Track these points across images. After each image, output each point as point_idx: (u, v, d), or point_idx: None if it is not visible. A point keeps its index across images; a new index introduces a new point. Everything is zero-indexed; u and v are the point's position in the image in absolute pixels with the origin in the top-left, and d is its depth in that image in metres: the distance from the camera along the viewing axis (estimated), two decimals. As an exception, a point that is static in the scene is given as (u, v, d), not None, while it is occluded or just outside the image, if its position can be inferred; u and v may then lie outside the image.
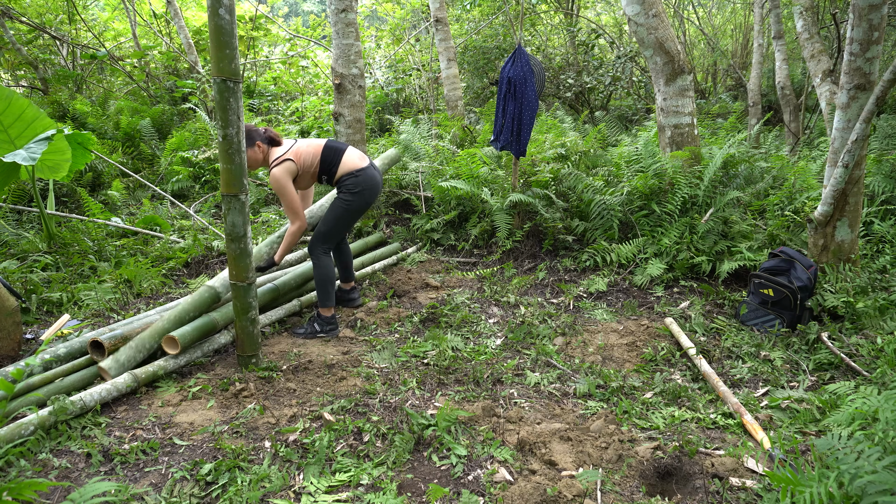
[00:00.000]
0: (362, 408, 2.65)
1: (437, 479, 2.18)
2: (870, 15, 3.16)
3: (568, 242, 4.65)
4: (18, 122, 4.14)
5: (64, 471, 2.20)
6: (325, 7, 24.07)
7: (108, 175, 6.38)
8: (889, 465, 1.62)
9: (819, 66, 5.75)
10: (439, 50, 7.54)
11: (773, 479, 1.80)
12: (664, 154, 4.59)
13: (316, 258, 3.43)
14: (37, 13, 8.71)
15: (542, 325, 3.51)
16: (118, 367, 2.75)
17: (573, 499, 2.04)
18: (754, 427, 2.42)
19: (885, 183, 4.49)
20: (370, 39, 11.63)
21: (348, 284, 3.88)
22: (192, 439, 2.40)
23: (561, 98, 8.86)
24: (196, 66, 8.70)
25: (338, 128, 5.03)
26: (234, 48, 2.60)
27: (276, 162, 3.29)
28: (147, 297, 4.03)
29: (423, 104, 9.49)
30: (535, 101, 4.38)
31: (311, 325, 3.45)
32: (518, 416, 2.57)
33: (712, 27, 10.87)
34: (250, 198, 6.02)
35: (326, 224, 3.43)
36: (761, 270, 3.49)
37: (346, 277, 3.87)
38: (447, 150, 5.92)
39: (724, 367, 3.06)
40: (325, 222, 3.44)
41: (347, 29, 4.87)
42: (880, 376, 2.66)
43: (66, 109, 7.33)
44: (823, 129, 6.94)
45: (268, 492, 2.09)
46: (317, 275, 3.44)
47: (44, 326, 3.47)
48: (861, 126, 3.20)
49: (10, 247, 4.41)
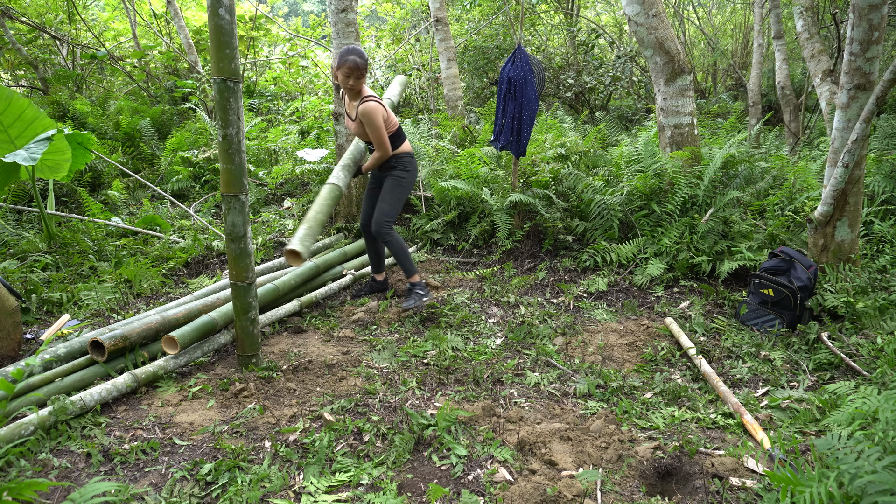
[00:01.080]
0: (362, 408, 2.65)
1: (437, 479, 2.18)
2: (870, 15, 3.16)
3: (568, 242, 4.65)
4: (18, 122, 4.14)
5: (64, 471, 2.20)
6: (325, 7, 24.06)
7: (108, 175, 6.38)
8: (889, 465, 1.62)
9: (819, 66, 5.75)
10: (439, 50, 7.54)
11: (773, 479, 1.80)
12: (664, 154, 4.59)
13: (387, 236, 3.66)
14: (37, 13, 8.71)
15: (542, 325, 3.51)
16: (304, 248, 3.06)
17: (573, 499, 2.04)
18: (754, 427, 2.42)
19: (885, 183, 4.49)
20: (370, 39, 11.62)
21: (381, 275, 4.10)
22: (192, 439, 2.40)
23: (561, 98, 8.86)
24: (196, 66, 8.70)
25: (338, 128, 5.03)
26: (234, 48, 2.60)
27: (373, 99, 3.50)
28: (147, 297, 4.03)
29: (423, 104, 9.49)
30: (535, 101, 4.38)
31: (413, 297, 3.66)
32: (518, 416, 2.57)
33: (712, 27, 10.87)
34: (250, 198, 6.02)
35: (387, 202, 3.68)
36: (761, 270, 3.49)
37: (379, 268, 4.09)
38: (447, 150, 5.92)
39: (724, 367, 3.06)
40: (386, 201, 3.68)
41: (347, 29, 4.87)
42: (880, 376, 2.66)
43: (66, 109, 7.33)
44: (823, 129, 6.94)
45: (268, 492, 2.09)
46: (394, 251, 3.69)
47: (44, 326, 3.47)
48: (861, 126, 3.20)
49: (10, 247, 4.41)
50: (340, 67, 3.37)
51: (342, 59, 3.38)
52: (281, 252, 4.92)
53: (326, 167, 5.57)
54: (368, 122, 3.48)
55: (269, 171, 6.57)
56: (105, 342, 2.81)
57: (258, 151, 6.97)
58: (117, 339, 2.84)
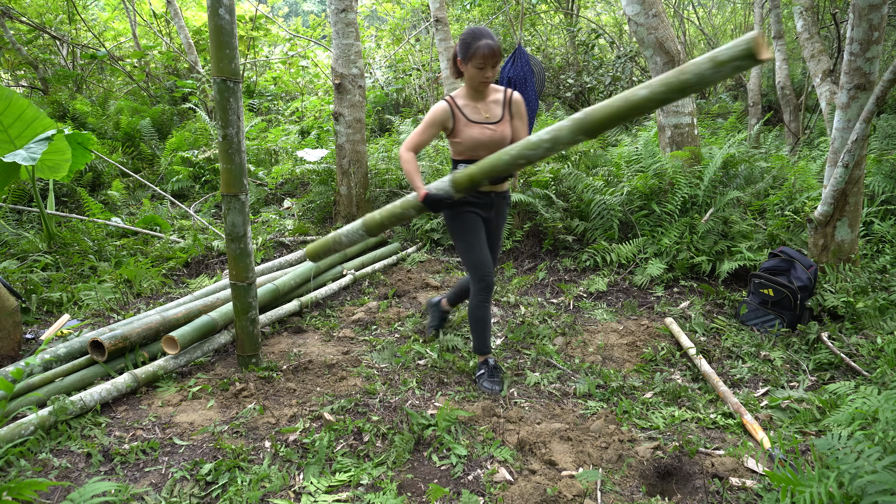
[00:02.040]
0: (362, 408, 2.65)
1: (437, 479, 2.18)
2: (870, 15, 3.16)
3: (568, 242, 4.65)
4: (18, 122, 4.14)
5: (64, 471, 2.20)
6: (325, 7, 24.06)
7: (108, 175, 6.38)
8: (889, 465, 1.62)
9: (819, 66, 5.75)
10: (439, 50, 7.54)
11: (773, 479, 1.80)
12: (664, 154, 4.59)
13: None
14: (37, 13, 8.71)
15: (542, 325, 3.51)
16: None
17: (573, 499, 2.04)
18: (754, 427, 2.42)
19: (885, 183, 4.49)
20: (370, 39, 11.63)
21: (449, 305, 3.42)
22: (192, 439, 2.40)
23: (561, 98, 8.86)
24: (196, 66, 8.70)
25: (338, 128, 5.03)
26: (234, 48, 2.60)
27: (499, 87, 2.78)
28: (147, 297, 4.03)
29: (423, 104, 9.49)
30: (535, 101, 4.38)
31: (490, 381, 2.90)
32: (518, 416, 2.57)
33: (712, 27, 10.87)
34: (250, 198, 6.02)
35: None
36: (761, 270, 3.49)
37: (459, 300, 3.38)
38: (447, 150, 5.93)
39: (724, 367, 3.06)
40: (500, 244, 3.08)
41: (347, 29, 4.87)
42: (880, 376, 2.66)
43: (66, 109, 7.33)
44: (823, 129, 6.94)
45: (268, 492, 2.09)
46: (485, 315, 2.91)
47: (44, 326, 3.47)
48: (861, 126, 3.20)
49: (10, 247, 4.41)
50: (472, 58, 2.50)
51: (470, 47, 2.50)
52: (281, 252, 4.92)
53: (326, 167, 5.57)
54: (522, 113, 2.75)
55: (269, 171, 6.57)
56: (105, 342, 2.81)
57: (258, 151, 6.97)
58: (117, 339, 2.84)
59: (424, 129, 2.67)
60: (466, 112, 2.65)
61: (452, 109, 2.65)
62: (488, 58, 2.48)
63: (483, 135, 2.63)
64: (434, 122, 2.65)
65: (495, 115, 2.67)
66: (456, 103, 2.66)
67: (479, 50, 2.47)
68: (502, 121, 2.67)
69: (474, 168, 2.52)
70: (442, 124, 2.66)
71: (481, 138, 2.63)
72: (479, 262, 2.75)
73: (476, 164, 2.53)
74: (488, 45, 2.46)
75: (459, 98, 2.68)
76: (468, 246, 2.76)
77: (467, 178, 2.54)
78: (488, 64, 2.50)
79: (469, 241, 2.75)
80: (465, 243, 2.76)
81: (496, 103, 2.69)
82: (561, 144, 2.31)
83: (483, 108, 2.67)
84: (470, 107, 2.66)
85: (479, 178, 2.51)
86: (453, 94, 2.70)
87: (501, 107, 2.69)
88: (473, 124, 2.64)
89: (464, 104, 2.66)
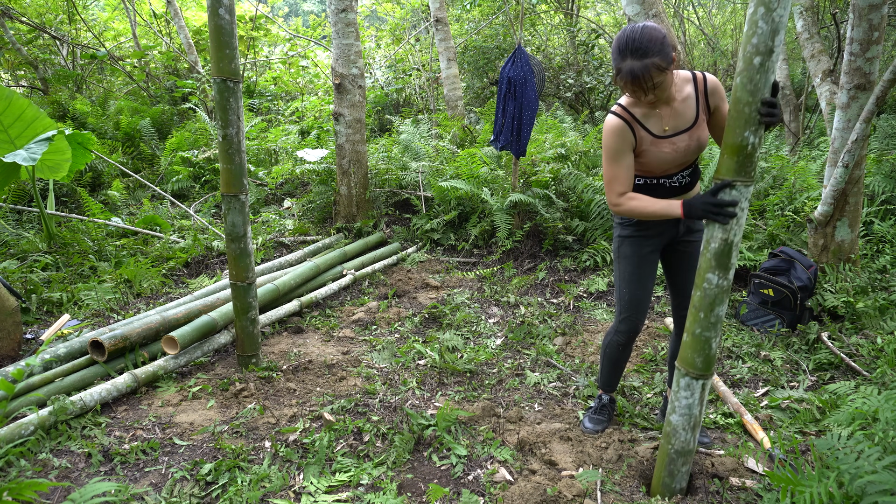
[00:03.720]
0: (362, 408, 2.65)
1: (437, 479, 2.18)
2: (870, 15, 3.16)
3: (568, 242, 4.65)
4: (18, 122, 4.13)
5: (64, 471, 2.20)
6: (325, 7, 24.07)
7: (108, 175, 6.38)
8: (889, 465, 1.62)
9: (819, 66, 5.75)
10: (439, 50, 7.55)
11: (773, 479, 1.80)
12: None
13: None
14: (37, 13, 8.71)
15: (542, 325, 3.51)
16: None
17: (573, 499, 2.04)
18: (754, 427, 2.42)
19: (885, 183, 4.49)
20: (370, 39, 11.63)
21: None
22: (192, 439, 2.40)
23: (561, 98, 8.86)
24: (196, 66, 8.70)
25: (338, 128, 5.03)
26: (234, 48, 2.60)
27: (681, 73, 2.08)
28: (147, 297, 4.03)
29: (423, 104, 9.49)
30: (535, 101, 4.38)
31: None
32: (518, 416, 2.57)
33: (712, 27, 10.87)
34: (250, 198, 6.02)
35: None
36: (761, 270, 3.49)
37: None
38: (447, 150, 5.93)
39: (724, 367, 3.06)
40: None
41: (347, 29, 4.87)
42: (880, 376, 2.66)
43: (66, 109, 7.33)
44: (823, 129, 6.94)
45: (268, 492, 2.09)
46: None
47: (44, 326, 3.47)
48: (861, 126, 3.20)
49: (10, 247, 4.41)
50: (621, 83, 1.86)
51: (616, 67, 1.85)
52: (281, 252, 4.92)
53: (326, 167, 5.57)
54: (722, 95, 2.01)
55: (269, 171, 6.57)
56: (105, 342, 2.81)
57: (258, 151, 6.97)
58: (117, 339, 2.84)
59: (617, 162, 1.99)
60: (649, 125, 1.99)
61: (631, 125, 1.98)
62: (637, 88, 1.83)
63: (676, 150, 2.00)
64: (620, 148, 1.98)
65: (687, 120, 1.99)
66: (632, 115, 1.98)
67: (623, 79, 1.84)
68: (697, 123, 2.00)
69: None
70: (630, 146, 1.99)
71: (673, 156, 2.01)
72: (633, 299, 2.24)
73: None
74: (631, 72, 1.80)
75: (635, 106, 1.99)
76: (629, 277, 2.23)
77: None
78: (640, 91, 1.84)
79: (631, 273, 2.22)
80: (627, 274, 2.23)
81: (686, 101, 1.99)
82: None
83: (670, 115, 1.99)
84: (653, 117, 1.98)
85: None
86: (625, 102, 2.00)
87: (695, 103, 1.99)
88: (661, 140, 1.99)
89: (643, 113, 1.98)
